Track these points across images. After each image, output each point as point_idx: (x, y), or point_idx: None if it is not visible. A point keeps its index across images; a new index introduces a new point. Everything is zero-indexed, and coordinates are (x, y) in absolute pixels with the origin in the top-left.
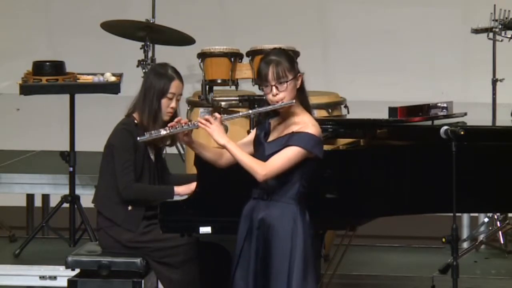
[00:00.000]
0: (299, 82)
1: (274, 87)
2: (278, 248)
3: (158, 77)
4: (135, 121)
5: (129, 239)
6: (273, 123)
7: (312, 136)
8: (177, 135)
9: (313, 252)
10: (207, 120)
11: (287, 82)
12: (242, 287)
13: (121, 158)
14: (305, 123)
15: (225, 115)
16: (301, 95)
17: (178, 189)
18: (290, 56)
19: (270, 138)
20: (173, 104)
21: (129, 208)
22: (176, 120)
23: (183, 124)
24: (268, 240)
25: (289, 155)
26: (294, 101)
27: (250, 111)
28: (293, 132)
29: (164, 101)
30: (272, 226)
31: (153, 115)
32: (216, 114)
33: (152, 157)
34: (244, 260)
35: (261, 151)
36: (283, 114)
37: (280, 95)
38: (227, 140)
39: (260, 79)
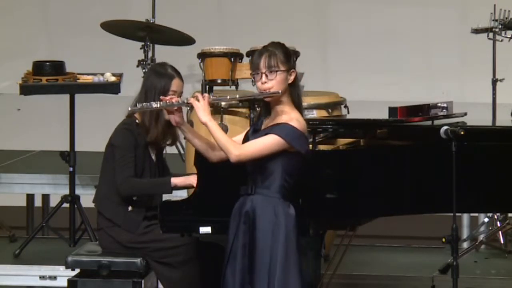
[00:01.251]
0: (292, 77)
1: (264, 75)
2: (260, 240)
3: (158, 77)
4: (137, 121)
5: (129, 239)
6: (264, 121)
7: (293, 128)
8: (168, 112)
9: (297, 247)
10: (195, 98)
11: (277, 72)
12: (231, 283)
13: (121, 155)
14: (290, 117)
15: (213, 96)
16: (293, 92)
17: (175, 180)
18: (286, 50)
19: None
20: None
21: (129, 208)
22: (169, 97)
23: (174, 101)
24: (251, 232)
25: (265, 141)
26: (280, 91)
27: (238, 96)
28: (275, 123)
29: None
30: (254, 219)
31: (154, 115)
32: (205, 94)
33: (153, 156)
34: (233, 256)
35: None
36: (273, 109)
37: (268, 84)
38: (209, 119)
39: (252, 66)
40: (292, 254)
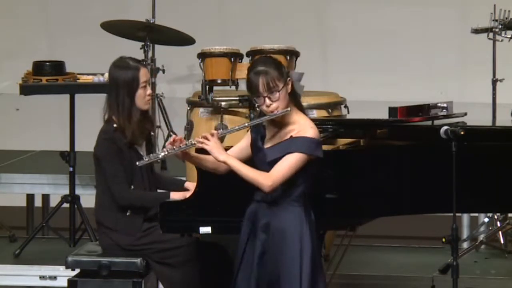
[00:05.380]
0: (290, 87)
1: (266, 98)
2: (287, 251)
3: (124, 70)
4: (114, 125)
5: (129, 242)
6: (268, 127)
7: (312, 139)
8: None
9: (320, 252)
10: (204, 137)
11: (278, 91)
12: None
13: (108, 168)
14: (302, 126)
15: (221, 130)
16: (293, 98)
17: (174, 195)
18: (277, 63)
19: (269, 144)
20: (148, 91)
21: (128, 213)
22: (171, 138)
23: (181, 144)
24: (276, 244)
25: (292, 162)
26: (289, 109)
27: (247, 124)
28: (292, 137)
29: (140, 92)
30: (279, 230)
31: (126, 113)
32: (213, 131)
33: (142, 152)
34: (247, 263)
35: (261, 157)
36: (279, 119)
37: (274, 105)
38: (227, 156)
39: (251, 91)
40: (319, 260)
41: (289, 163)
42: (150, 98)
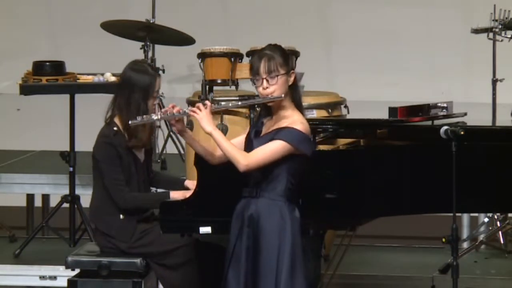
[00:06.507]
0: (292, 79)
1: (264, 80)
2: (265, 243)
3: (141, 74)
4: (115, 128)
5: (127, 246)
6: (265, 122)
7: (298, 132)
8: (170, 121)
9: (302, 249)
10: (197, 107)
11: (277, 76)
12: (234, 286)
13: (109, 173)
14: (293, 120)
15: (215, 104)
16: (293, 93)
17: (174, 194)
18: (284, 52)
19: (260, 135)
20: (156, 100)
21: (121, 217)
22: (170, 105)
23: (175, 112)
24: (256, 236)
25: (272, 148)
26: (282, 95)
27: (240, 103)
28: (280, 128)
29: (151, 100)
30: (259, 222)
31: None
32: (207, 102)
33: (140, 156)
34: (236, 259)
35: (250, 147)
36: (275, 111)
37: (270, 89)
38: (213, 128)
39: (252, 72)
40: (299, 257)
41: (269, 148)
42: (154, 109)
